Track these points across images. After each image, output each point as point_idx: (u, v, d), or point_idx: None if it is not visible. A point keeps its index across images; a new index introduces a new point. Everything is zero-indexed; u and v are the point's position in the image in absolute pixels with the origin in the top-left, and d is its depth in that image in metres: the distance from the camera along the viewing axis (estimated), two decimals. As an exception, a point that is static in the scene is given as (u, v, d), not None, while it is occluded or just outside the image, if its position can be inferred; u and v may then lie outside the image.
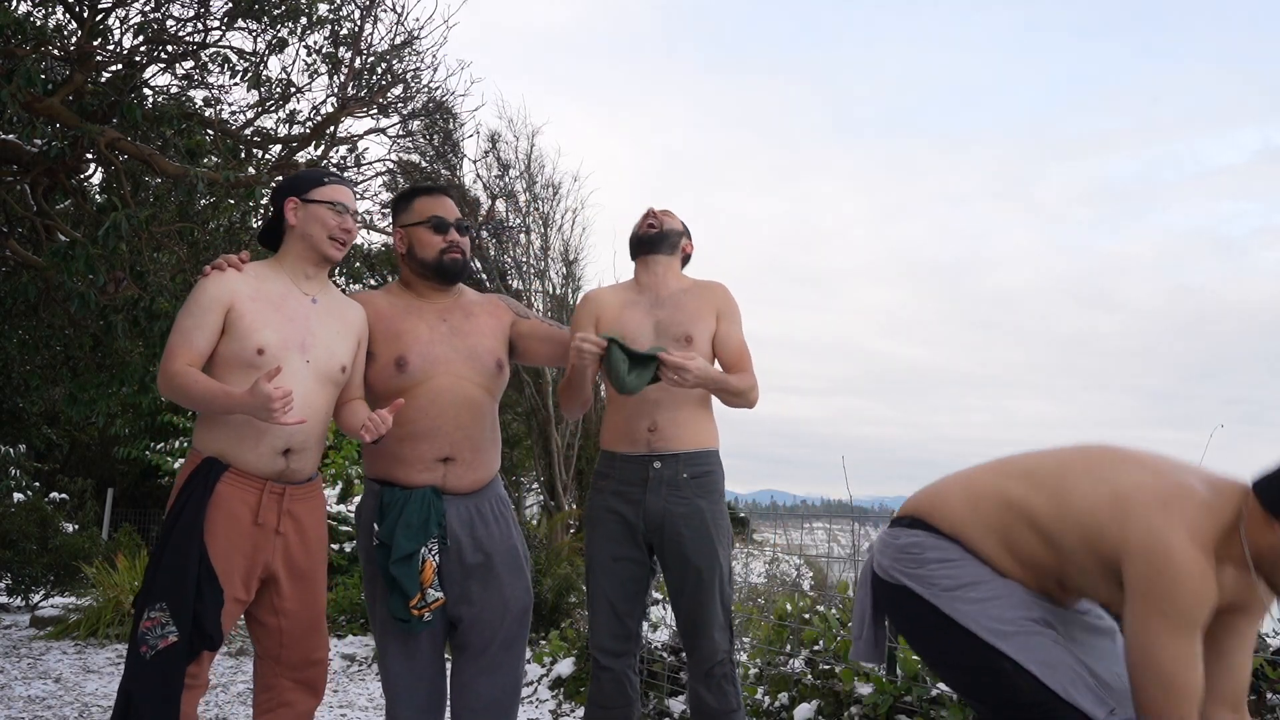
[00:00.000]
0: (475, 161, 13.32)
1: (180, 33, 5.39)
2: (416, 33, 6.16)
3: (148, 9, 5.20)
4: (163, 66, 5.68)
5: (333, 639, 6.21)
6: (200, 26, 5.41)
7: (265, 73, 5.87)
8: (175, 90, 5.94)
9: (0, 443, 9.75)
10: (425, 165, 11.39)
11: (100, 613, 6.32)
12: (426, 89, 6.50)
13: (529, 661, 4.84)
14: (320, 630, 2.21)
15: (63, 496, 9.85)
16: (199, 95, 6.03)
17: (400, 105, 6.47)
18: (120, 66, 5.27)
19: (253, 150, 6.11)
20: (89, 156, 5.10)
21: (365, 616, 6.48)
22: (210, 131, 5.59)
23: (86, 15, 5.02)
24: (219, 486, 2.03)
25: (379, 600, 2.25)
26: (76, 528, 8.59)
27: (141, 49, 5.32)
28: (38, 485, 9.86)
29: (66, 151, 4.63)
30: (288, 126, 6.12)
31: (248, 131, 6.07)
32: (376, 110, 6.25)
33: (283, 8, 5.51)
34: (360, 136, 6.51)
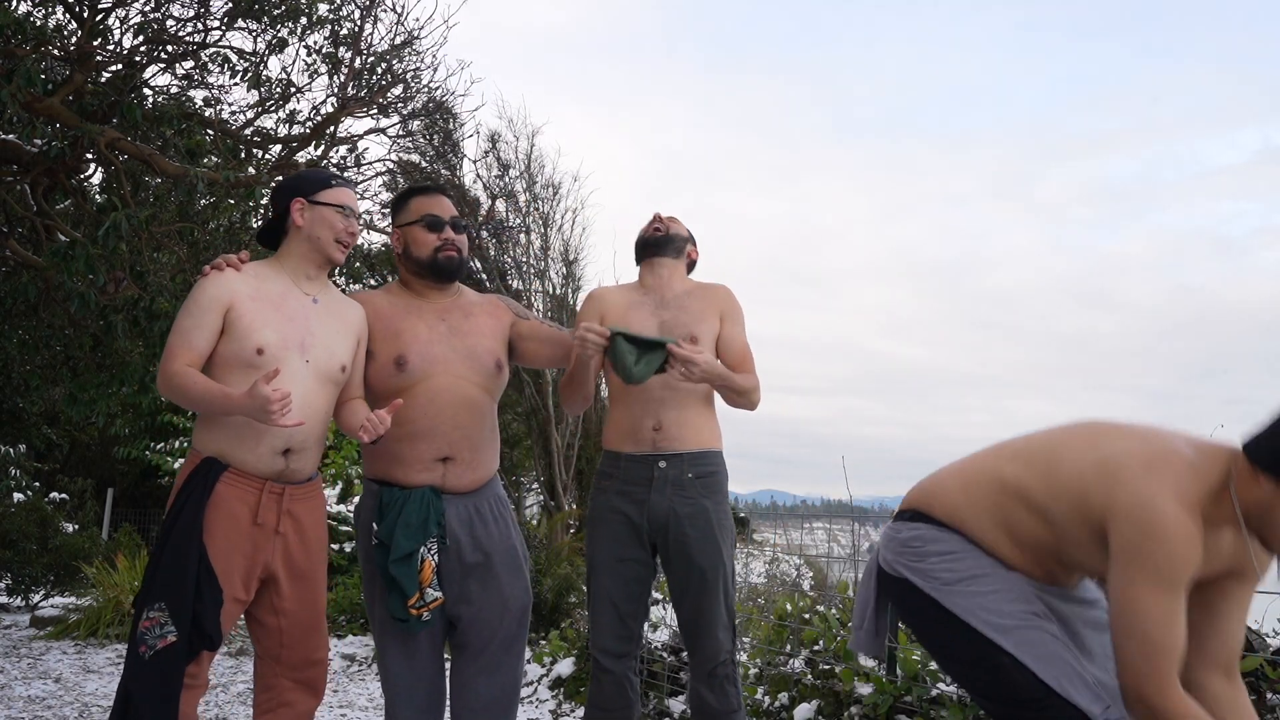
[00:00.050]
0: (475, 161, 13.34)
1: (180, 33, 5.39)
2: (416, 33, 6.17)
3: (148, 9, 5.21)
4: (163, 66, 5.68)
5: (333, 639, 6.21)
6: (200, 26, 5.41)
7: (265, 73, 5.88)
8: (175, 90, 5.94)
9: (0, 443, 9.75)
10: (425, 165, 11.39)
11: (100, 613, 6.32)
12: (426, 89, 6.51)
13: (529, 661, 4.84)
14: (320, 630, 2.21)
15: (63, 496, 9.84)
16: (199, 95, 6.04)
17: (400, 105, 6.48)
18: (120, 66, 5.27)
19: (253, 150, 6.12)
20: (89, 156, 5.10)
21: (365, 616, 6.48)
22: (210, 131, 5.60)
23: (86, 15, 5.02)
24: (218, 486, 2.03)
25: (378, 600, 2.24)
26: (76, 528, 8.59)
27: (141, 49, 5.32)
28: (38, 485, 9.86)
29: (66, 151, 4.63)
30: (288, 126, 6.13)
31: (248, 131, 6.07)
32: (376, 110, 6.25)
33: (283, 8, 5.51)
34: (360, 136, 6.53)
